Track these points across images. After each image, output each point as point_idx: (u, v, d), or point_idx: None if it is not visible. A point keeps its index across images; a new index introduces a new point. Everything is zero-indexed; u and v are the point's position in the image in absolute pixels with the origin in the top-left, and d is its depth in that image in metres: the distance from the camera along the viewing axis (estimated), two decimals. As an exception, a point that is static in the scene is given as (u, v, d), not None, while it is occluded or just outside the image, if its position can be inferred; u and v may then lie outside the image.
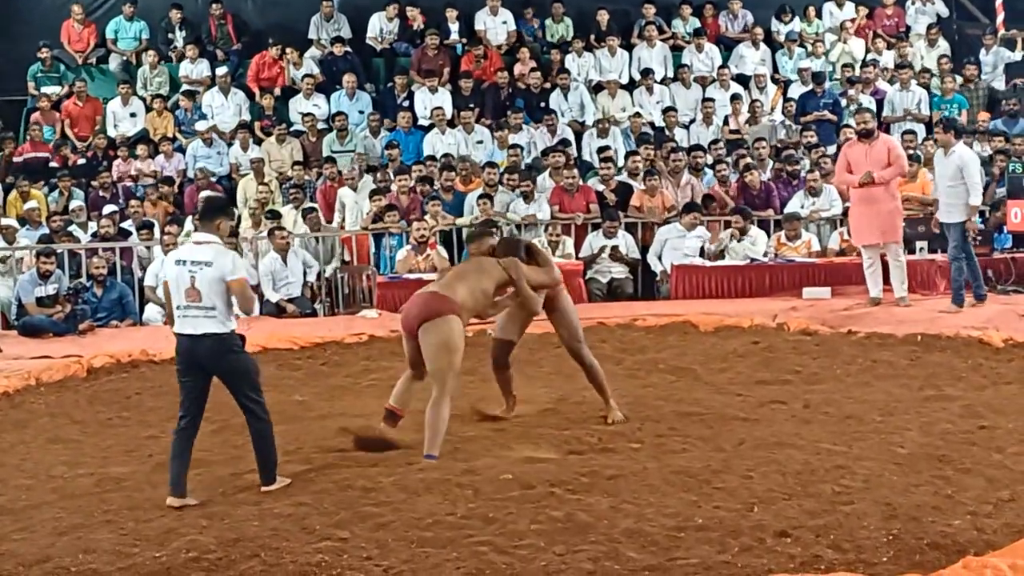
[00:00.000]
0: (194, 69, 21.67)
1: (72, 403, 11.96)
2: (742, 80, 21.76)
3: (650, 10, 22.60)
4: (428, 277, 16.43)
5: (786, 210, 17.86)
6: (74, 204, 18.52)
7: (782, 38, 22.60)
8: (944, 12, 23.32)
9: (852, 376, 11.83)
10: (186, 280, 8.28)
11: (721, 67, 21.78)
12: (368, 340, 14.62)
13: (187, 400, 8.47)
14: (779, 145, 19.86)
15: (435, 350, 9.22)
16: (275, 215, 17.73)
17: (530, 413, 10.50)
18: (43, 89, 21.34)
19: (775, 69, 22.30)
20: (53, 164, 20.04)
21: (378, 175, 18.86)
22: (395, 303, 16.18)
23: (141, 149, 20.04)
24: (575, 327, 10.31)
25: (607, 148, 19.45)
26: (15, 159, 20.11)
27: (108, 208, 18.15)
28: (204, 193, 17.38)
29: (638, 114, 20.74)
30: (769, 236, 17.66)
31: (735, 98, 21.04)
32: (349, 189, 18.75)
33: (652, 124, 20.83)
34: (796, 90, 21.45)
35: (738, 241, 17.20)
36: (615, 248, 17.35)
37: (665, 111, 20.81)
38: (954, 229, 15.12)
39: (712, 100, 21.03)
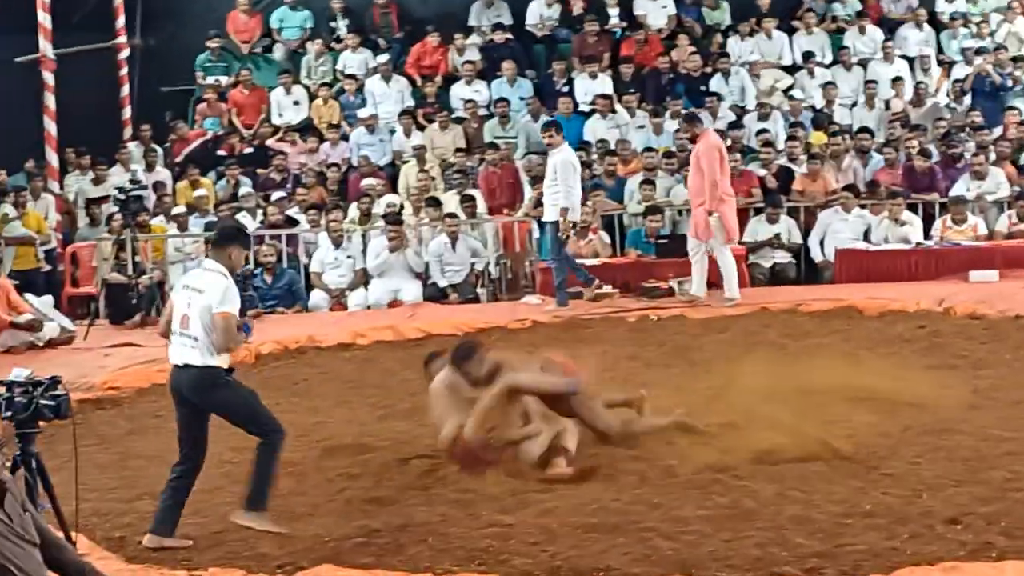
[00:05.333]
0: (355, 58, 21.89)
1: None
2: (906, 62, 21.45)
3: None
4: (590, 263, 16.46)
5: (951, 193, 17.60)
6: (244, 191, 18.81)
7: (946, 18, 22.23)
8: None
9: (1021, 361, 11.63)
10: (184, 306, 7.87)
11: (886, 42, 21.45)
12: (531, 326, 14.63)
13: (181, 436, 8.07)
14: (945, 127, 19.51)
15: None
16: (435, 202, 17.81)
17: (692, 403, 10.44)
18: (209, 79, 21.70)
19: (939, 50, 21.95)
20: (221, 152, 20.39)
21: (535, 161, 18.87)
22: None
23: (310, 141, 20.26)
24: (606, 419, 9.12)
25: (765, 131, 19.36)
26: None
27: (276, 195, 18.43)
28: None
29: (791, 96, 20.53)
30: (934, 220, 17.40)
31: (896, 80, 20.77)
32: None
33: (813, 107, 20.63)
34: (961, 71, 21.08)
35: (900, 225, 16.96)
36: (777, 236, 17.18)
37: (824, 86, 20.66)
38: (550, 228, 15.42)
39: (875, 82, 20.77)
